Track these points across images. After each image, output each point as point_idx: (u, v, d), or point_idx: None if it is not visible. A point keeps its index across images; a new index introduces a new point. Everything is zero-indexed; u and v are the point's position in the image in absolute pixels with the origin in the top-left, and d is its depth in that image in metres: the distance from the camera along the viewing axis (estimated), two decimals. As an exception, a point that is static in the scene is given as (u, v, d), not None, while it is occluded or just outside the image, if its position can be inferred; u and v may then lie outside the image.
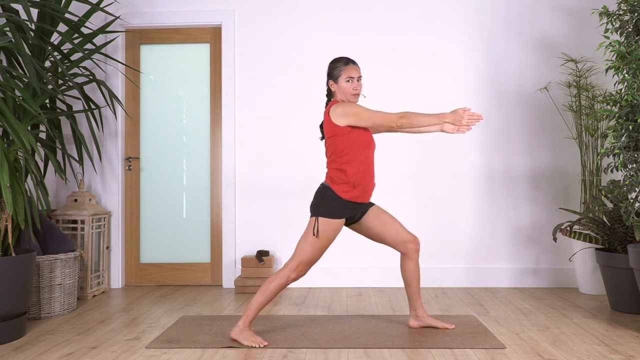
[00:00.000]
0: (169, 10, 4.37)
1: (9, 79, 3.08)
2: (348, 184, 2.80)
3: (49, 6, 3.44)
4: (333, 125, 2.79)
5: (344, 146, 2.79)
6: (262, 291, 2.82)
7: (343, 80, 2.85)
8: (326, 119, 2.83)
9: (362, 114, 2.76)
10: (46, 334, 3.03)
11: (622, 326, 3.08)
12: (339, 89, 2.86)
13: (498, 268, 4.22)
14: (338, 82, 2.86)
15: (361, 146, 2.81)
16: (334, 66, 2.87)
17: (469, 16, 4.29)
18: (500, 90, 4.28)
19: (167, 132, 4.46)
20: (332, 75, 2.87)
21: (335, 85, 2.87)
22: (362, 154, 2.81)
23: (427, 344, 2.74)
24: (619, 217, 3.51)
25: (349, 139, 2.79)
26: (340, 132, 2.78)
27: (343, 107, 2.78)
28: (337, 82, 2.86)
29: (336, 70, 2.86)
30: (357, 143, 2.80)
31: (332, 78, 2.87)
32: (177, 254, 4.43)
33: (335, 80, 2.87)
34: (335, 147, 2.81)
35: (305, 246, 2.81)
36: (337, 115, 2.78)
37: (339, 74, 2.86)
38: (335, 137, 2.80)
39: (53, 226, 3.62)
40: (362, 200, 2.85)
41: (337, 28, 4.33)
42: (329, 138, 2.83)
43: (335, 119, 2.78)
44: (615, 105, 3.41)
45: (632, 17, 3.32)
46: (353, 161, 2.79)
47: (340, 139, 2.79)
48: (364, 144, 2.81)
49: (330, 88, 2.90)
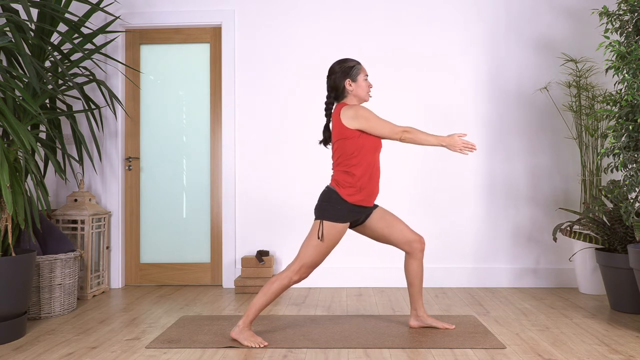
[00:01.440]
0: (169, 10, 4.37)
1: (9, 79, 3.08)
2: (354, 187, 2.79)
3: (49, 6, 3.44)
4: (343, 127, 2.77)
5: (352, 149, 2.78)
6: (263, 292, 2.82)
7: (362, 79, 2.85)
8: (336, 121, 2.80)
9: (372, 121, 2.75)
10: (46, 334, 3.03)
11: (622, 326, 3.08)
12: (358, 87, 2.85)
13: (498, 268, 4.22)
14: (357, 81, 2.85)
15: (370, 150, 2.80)
16: (350, 66, 2.85)
17: (469, 16, 4.29)
18: (500, 90, 4.28)
19: (167, 132, 4.46)
20: (351, 74, 2.84)
21: (354, 84, 2.85)
22: (369, 157, 2.80)
23: (427, 344, 2.74)
24: (619, 217, 3.51)
25: (358, 142, 2.77)
26: (350, 135, 2.77)
27: (355, 110, 2.76)
28: (357, 81, 2.85)
29: (355, 70, 2.85)
30: (366, 146, 2.79)
31: (351, 77, 2.84)
32: (177, 254, 4.43)
33: (354, 79, 2.84)
34: (344, 150, 2.80)
35: (308, 249, 2.81)
36: (348, 118, 2.76)
37: (358, 72, 2.85)
38: (344, 140, 2.78)
39: (53, 226, 3.62)
40: (367, 204, 2.85)
41: (337, 28, 4.33)
42: (338, 141, 2.81)
43: (346, 121, 2.76)
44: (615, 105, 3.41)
45: (632, 17, 3.32)
46: (361, 164, 2.79)
47: (349, 142, 2.78)
48: (372, 147, 2.81)
49: (347, 88, 2.85)
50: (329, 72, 2.89)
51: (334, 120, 2.82)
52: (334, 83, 2.87)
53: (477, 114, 4.27)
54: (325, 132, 2.95)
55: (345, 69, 2.85)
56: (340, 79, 2.85)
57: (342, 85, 2.86)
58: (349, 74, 2.85)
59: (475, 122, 4.27)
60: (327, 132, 2.95)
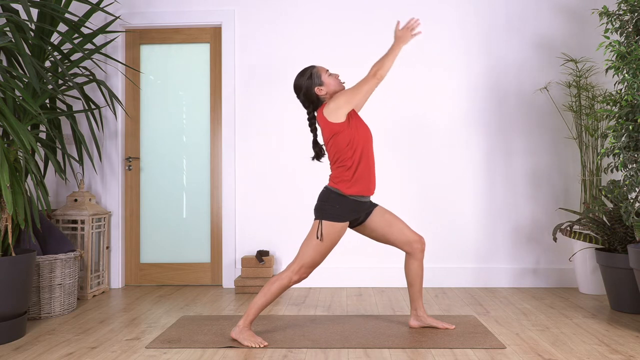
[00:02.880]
0: (169, 10, 4.37)
1: (9, 79, 3.08)
2: (352, 179, 2.80)
3: (49, 6, 3.44)
4: (330, 124, 2.79)
5: (345, 141, 2.79)
6: (263, 292, 2.82)
7: (326, 77, 2.87)
8: (323, 122, 2.81)
9: (349, 95, 2.75)
10: (46, 334, 3.03)
11: (622, 326, 3.08)
12: (328, 85, 2.86)
13: (498, 268, 4.22)
14: (324, 82, 2.86)
15: (361, 139, 2.82)
16: (309, 74, 2.86)
17: (469, 16, 4.29)
18: (500, 90, 4.28)
19: (167, 132, 4.46)
20: (314, 81, 2.85)
21: (323, 87, 2.86)
22: (362, 146, 2.82)
23: (427, 344, 2.74)
24: (619, 217, 3.51)
25: (349, 134, 2.79)
26: (340, 129, 2.78)
27: (333, 102, 2.78)
28: (323, 83, 2.86)
29: (315, 75, 2.86)
30: (357, 137, 2.81)
31: (317, 84, 2.86)
32: (177, 254, 4.43)
33: (320, 82, 2.86)
34: (338, 145, 2.81)
35: (308, 249, 2.81)
36: (331, 112, 2.77)
37: (319, 74, 2.86)
38: (336, 136, 2.79)
39: (53, 226, 3.62)
40: (367, 193, 2.85)
41: (337, 28, 4.33)
42: (330, 140, 2.82)
43: (331, 116, 2.78)
44: (615, 105, 3.41)
45: (632, 17, 3.32)
46: (355, 155, 2.80)
47: (341, 136, 2.79)
48: (363, 137, 2.83)
49: (320, 94, 2.86)
50: (296, 92, 2.91)
51: (321, 123, 2.83)
52: (307, 97, 2.88)
53: (477, 113, 4.27)
54: (314, 147, 2.96)
55: (308, 80, 2.86)
56: (309, 90, 2.87)
57: (314, 95, 2.87)
58: (313, 81, 2.86)
59: (475, 122, 4.27)
60: (316, 146, 2.96)
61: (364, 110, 4.30)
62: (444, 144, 4.27)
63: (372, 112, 4.30)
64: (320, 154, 2.96)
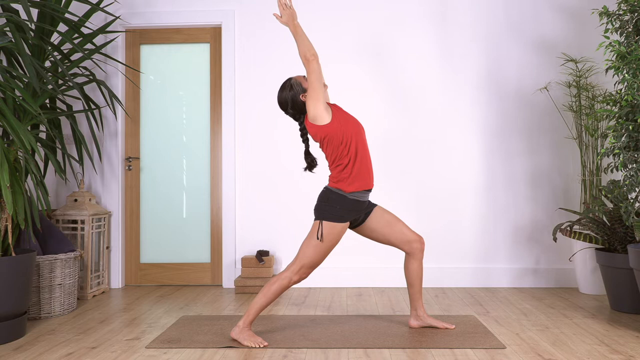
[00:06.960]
0: (169, 10, 4.37)
1: (9, 79, 3.08)
2: (350, 177, 2.80)
3: (49, 6, 3.44)
4: (319, 128, 2.79)
5: (339, 138, 2.79)
6: (263, 292, 2.82)
7: (305, 82, 2.87)
8: (313, 128, 2.82)
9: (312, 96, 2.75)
10: (46, 334, 3.03)
11: (622, 326, 3.08)
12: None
13: (498, 268, 4.22)
14: (305, 87, 2.86)
15: (353, 134, 2.82)
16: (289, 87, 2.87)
17: (469, 16, 4.29)
18: (500, 90, 4.28)
19: (167, 132, 4.46)
20: (297, 90, 2.86)
21: (306, 92, 2.86)
22: (356, 141, 2.82)
23: (427, 344, 2.74)
24: (619, 217, 3.51)
25: (340, 130, 2.79)
26: (330, 129, 2.78)
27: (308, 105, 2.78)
28: (305, 88, 2.86)
29: (295, 84, 2.87)
30: (348, 132, 2.81)
31: (300, 91, 2.86)
32: (177, 254, 4.43)
33: (303, 89, 2.86)
34: (332, 145, 2.81)
35: (308, 249, 2.81)
36: (313, 115, 2.78)
37: (299, 83, 2.87)
38: (328, 137, 2.80)
39: (53, 226, 3.62)
40: (367, 187, 2.85)
41: (336, 28, 4.33)
42: (323, 141, 2.82)
43: (316, 120, 2.78)
44: (615, 105, 3.41)
45: (632, 17, 3.32)
46: (351, 151, 2.81)
47: (333, 134, 2.79)
48: (354, 131, 2.83)
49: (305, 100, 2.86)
50: (282, 107, 2.91)
51: (311, 130, 2.83)
52: (295, 108, 2.89)
53: (477, 113, 4.27)
54: (307, 158, 2.96)
55: (290, 91, 2.87)
56: (295, 100, 2.87)
57: (301, 103, 2.88)
58: (295, 90, 2.87)
59: (475, 122, 4.27)
60: (308, 157, 2.96)
61: (364, 110, 4.30)
62: (444, 143, 4.27)
63: (372, 112, 4.30)
64: (313, 164, 2.97)
